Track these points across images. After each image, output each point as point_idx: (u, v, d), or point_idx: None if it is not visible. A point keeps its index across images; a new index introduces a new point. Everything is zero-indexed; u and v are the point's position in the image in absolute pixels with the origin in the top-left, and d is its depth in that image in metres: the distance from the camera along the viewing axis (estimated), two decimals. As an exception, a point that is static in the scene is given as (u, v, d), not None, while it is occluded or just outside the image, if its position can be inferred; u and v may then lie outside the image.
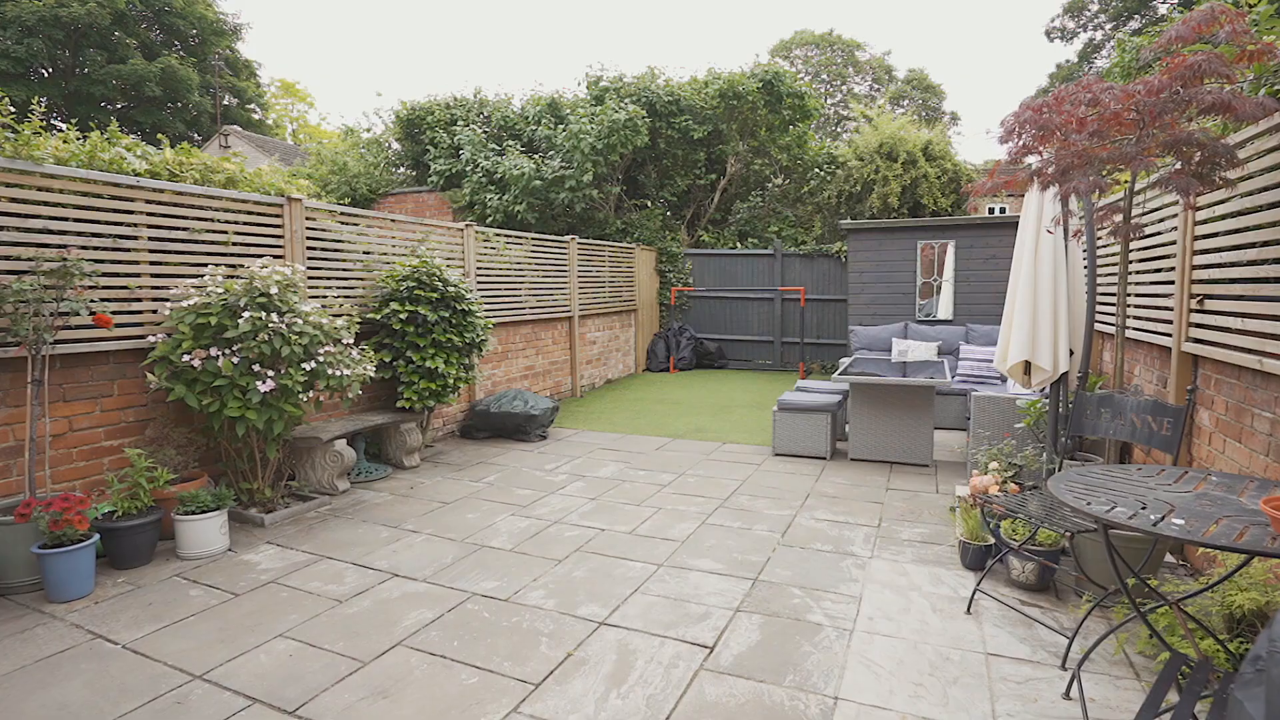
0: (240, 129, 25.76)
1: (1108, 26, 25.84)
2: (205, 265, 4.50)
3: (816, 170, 12.88)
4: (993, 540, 3.56)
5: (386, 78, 70.10)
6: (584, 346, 9.94)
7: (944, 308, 9.45)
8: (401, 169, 15.47)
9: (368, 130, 15.79)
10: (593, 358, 10.26)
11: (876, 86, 35.58)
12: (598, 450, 6.45)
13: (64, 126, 4.28)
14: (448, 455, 6.32)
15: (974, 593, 3.26)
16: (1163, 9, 23.63)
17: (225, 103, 28.17)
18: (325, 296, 5.44)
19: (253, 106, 31.14)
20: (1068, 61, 26.99)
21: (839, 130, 31.44)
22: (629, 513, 4.65)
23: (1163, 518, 1.98)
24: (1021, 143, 3.22)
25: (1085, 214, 3.94)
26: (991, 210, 21.20)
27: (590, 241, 10.18)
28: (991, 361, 7.25)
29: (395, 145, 15.49)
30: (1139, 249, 4.53)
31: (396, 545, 4.09)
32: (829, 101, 33.88)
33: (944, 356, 8.20)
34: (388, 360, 5.78)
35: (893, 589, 3.44)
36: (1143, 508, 2.06)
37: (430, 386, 5.81)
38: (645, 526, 4.38)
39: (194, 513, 3.88)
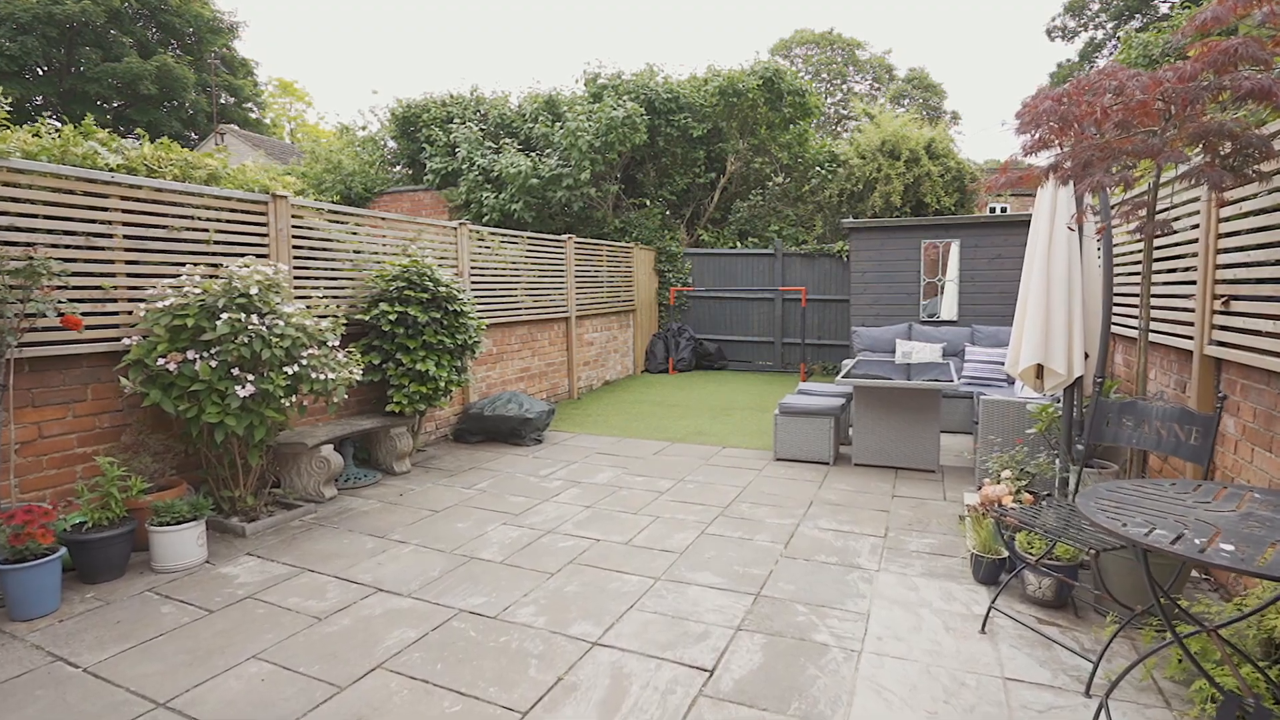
0: (238, 128, 25.59)
1: (1109, 25, 25.66)
2: (185, 265, 4.32)
3: (817, 169, 12.70)
4: (1006, 553, 3.38)
5: (383, 76, 69.89)
6: (581, 347, 9.76)
7: (948, 308, 9.28)
8: (397, 167, 15.28)
9: (363, 128, 15.59)
10: (590, 359, 10.08)
11: (877, 86, 35.37)
12: (594, 455, 6.27)
13: (56, 123, 4.09)
14: (440, 460, 6.14)
15: (988, 610, 3.08)
16: (1164, 8, 23.46)
17: (222, 101, 27.97)
18: (311, 297, 5.25)
19: (250, 105, 30.94)
20: (1068, 61, 26.79)
21: (839, 130, 31.24)
22: (625, 521, 4.48)
23: (1208, 543, 1.80)
24: (1039, 135, 3.04)
25: (1102, 210, 3.76)
26: (993, 210, 21.02)
27: (588, 241, 9.99)
28: (998, 363, 7.07)
29: (391, 143, 15.29)
30: (1156, 247, 4.36)
31: (382, 557, 3.91)
32: (829, 101, 33.68)
33: (949, 358, 8.02)
34: (377, 363, 5.59)
35: (902, 605, 3.26)
36: (1185, 530, 1.88)
37: (421, 390, 5.62)
38: (642, 537, 4.20)
39: (169, 523, 3.70)
